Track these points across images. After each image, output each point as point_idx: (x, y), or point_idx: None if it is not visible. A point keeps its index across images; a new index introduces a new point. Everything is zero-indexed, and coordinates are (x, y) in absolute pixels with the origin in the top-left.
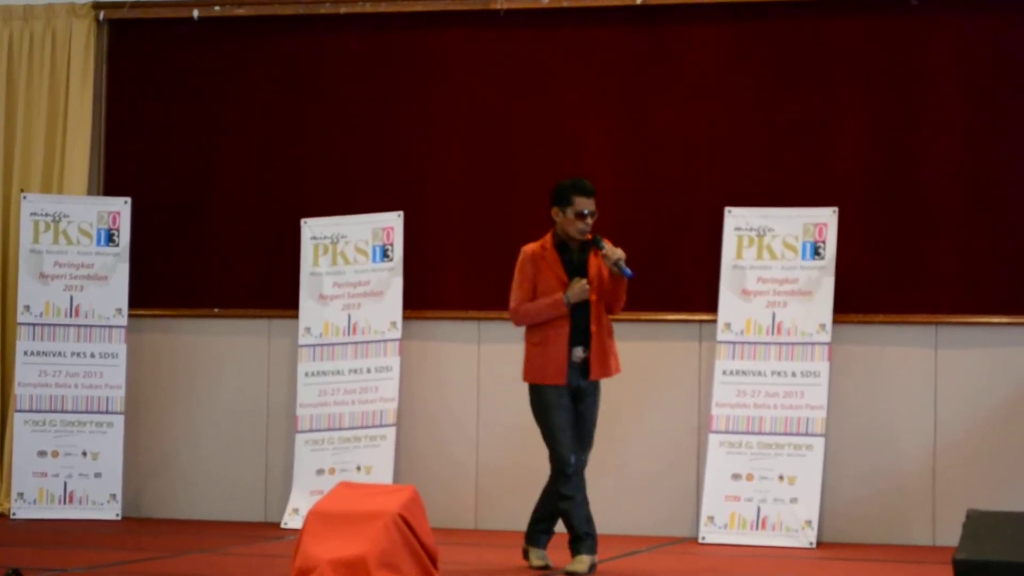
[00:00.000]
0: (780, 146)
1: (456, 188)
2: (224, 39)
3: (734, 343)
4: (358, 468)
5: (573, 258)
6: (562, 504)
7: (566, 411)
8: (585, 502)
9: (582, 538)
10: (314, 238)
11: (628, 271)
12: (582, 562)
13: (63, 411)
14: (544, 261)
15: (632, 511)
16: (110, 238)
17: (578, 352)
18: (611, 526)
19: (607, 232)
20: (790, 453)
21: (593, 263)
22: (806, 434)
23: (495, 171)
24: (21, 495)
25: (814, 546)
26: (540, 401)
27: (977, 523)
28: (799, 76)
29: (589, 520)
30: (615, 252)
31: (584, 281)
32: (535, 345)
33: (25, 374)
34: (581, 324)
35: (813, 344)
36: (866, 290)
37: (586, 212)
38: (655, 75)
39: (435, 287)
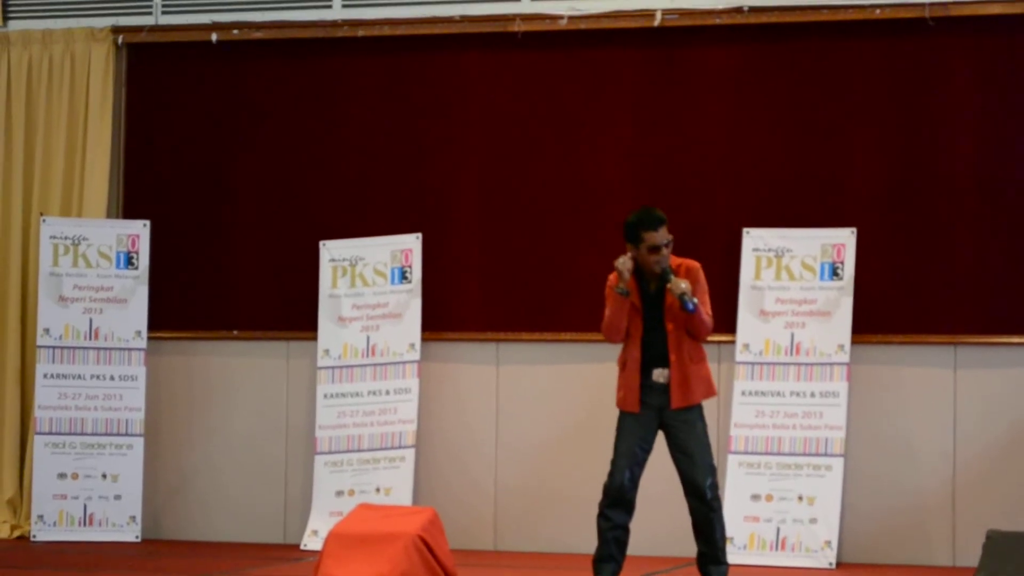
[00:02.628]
0: (798, 167)
1: (474, 209)
2: (242, 63)
3: (753, 364)
4: (377, 490)
5: (651, 288)
6: (600, 521)
7: (634, 437)
8: (622, 528)
9: (604, 560)
10: (333, 260)
11: (689, 305)
12: None
13: (83, 433)
14: None
15: (650, 531)
16: (129, 261)
17: (659, 373)
18: (629, 546)
19: (623, 252)
20: (809, 473)
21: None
22: (825, 454)
23: (513, 192)
24: (41, 517)
25: (834, 567)
26: (618, 424)
27: (997, 543)
28: (816, 97)
29: (618, 544)
30: (679, 286)
31: (624, 257)
32: (619, 370)
33: (45, 397)
34: (658, 351)
35: (832, 364)
36: (884, 310)
37: (659, 244)
38: (672, 96)
39: (454, 308)
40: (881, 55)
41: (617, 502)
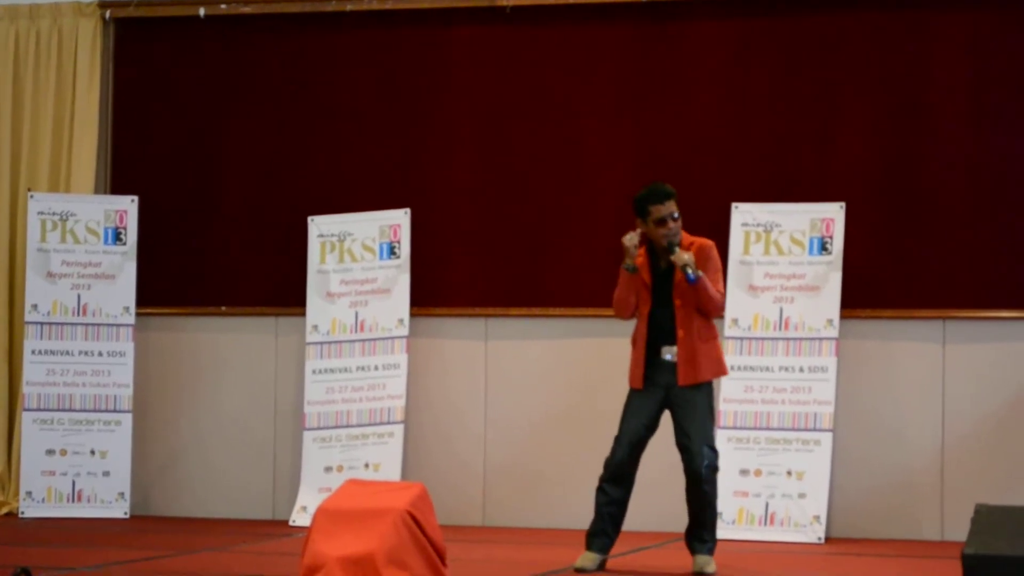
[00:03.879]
0: (787, 141)
1: (463, 185)
2: (230, 37)
3: (741, 339)
4: (366, 465)
5: (661, 264)
6: (597, 495)
7: (638, 415)
8: (616, 504)
9: (596, 534)
10: (321, 235)
11: (691, 276)
12: (589, 559)
13: (71, 410)
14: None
15: (640, 507)
16: (117, 236)
17: (668, 350)
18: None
19: (613, 228)
20: (798, 448)
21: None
22: (814, 429)
23: (502, 168)
24: (30, 494)
25: (822, 541)
26: (626, 400)
27: (986, 517)
28: (805, 71)
29: (612, 519)
30: (682, 257)
31: (631, 234)
32: (631, 346)
33: (33, 373)
34: (666, 327)
35: (820, 339)
36: (873, 285)
37: (665, 217)
38: (661, 71)
39: (442, 284)
40: (871, 29)
41: (615, 477)
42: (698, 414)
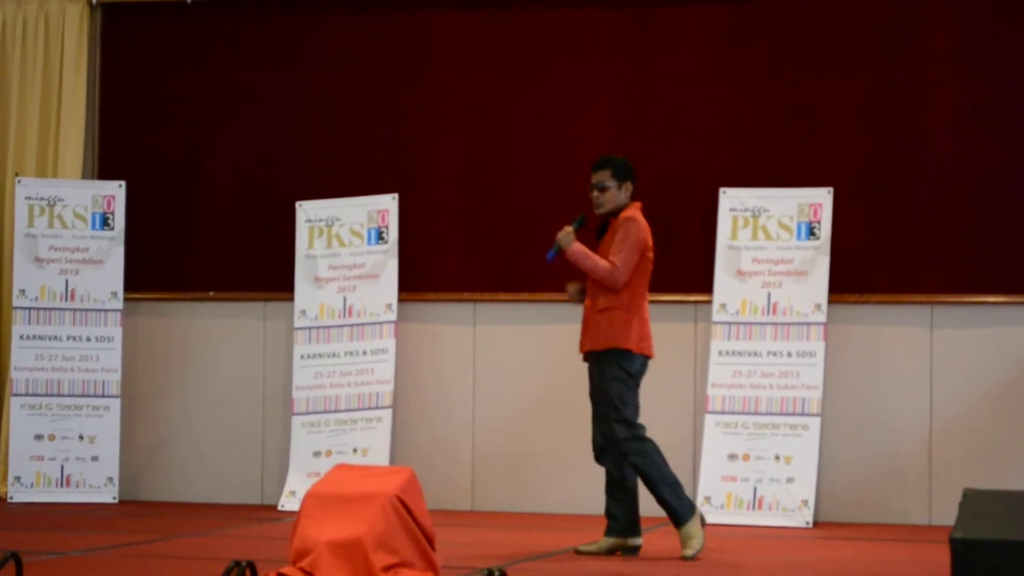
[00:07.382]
0: (775, 126)
1: (451, 170)
2: (218, 22)
3: (729, 324)
4: (354, 450)
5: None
6: None
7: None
8: (613, 483)
9: (606, 516)
10: (309, 221)
11: (550, 252)
12: (593, 543)
13: (59, 395)
14: None
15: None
16: (105, 222)
17: None
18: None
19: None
20: (786, 433)
21: (607, 236)
22: (802, 414)
23: (490, 153)
24: (18, 479)
25: (811, 525)
26: None
27: (973, 502)
28: (794, 56)
29: (611, 499)
30: (559, 233)
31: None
32: None
33: (21, 358)
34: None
35: (808, 324)
36: (861, 270)
37: (593, 185)
38: (651, 56)
39: (430, 269)
40: (860, 14)
41: (595, 456)
42: (602, 388)
